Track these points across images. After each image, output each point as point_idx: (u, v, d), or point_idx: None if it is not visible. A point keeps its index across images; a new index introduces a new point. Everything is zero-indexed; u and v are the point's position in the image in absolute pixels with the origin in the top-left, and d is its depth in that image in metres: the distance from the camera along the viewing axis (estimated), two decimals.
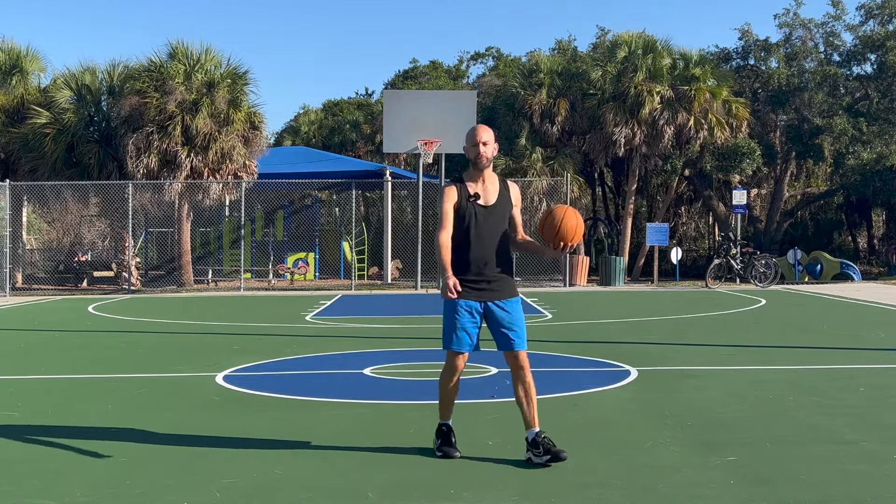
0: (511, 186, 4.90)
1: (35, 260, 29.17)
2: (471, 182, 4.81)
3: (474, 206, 4.74)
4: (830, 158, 29.01)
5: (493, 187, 4.83)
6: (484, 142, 4.76)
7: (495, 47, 41.54)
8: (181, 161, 20.61)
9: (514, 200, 4.89)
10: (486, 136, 4.78)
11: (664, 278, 23.88)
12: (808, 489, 4.22)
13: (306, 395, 6.82)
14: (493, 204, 4.79)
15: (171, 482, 4.47)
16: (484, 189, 4.80)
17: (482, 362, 8.33)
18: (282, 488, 4.35)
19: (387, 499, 4.16)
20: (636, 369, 7.89)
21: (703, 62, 25.69)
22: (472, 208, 4.74)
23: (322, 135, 37.22)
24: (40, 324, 13.60)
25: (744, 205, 23.73)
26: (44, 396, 7.08)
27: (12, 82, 23.23)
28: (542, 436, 4.69)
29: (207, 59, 21.70)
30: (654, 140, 24.54)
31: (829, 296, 17.37)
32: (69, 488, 4.39)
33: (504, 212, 4.84)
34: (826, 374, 7.68)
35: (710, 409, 6.14)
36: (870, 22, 29.44)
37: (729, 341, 10.13)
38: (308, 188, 26.90)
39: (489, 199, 4.79)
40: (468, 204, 4.74)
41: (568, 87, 25.41)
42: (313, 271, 25.95)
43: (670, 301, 16.83)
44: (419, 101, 21.65)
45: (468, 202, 4.75)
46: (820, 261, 24.50)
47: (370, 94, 42.80)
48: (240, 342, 10.67)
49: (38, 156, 21.25)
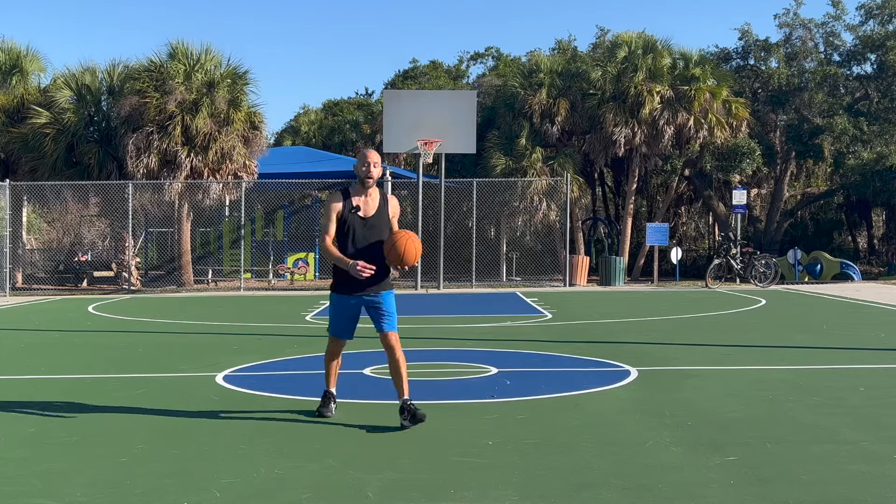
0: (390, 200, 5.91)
1: (35, 260, 29.15)
2: (355, 196, 5.77)
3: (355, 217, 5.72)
4: (830, 158, 29.01)
5: (373, 201, 5.79)
6: (375, 163, 5.78)
7: (495, 47, 41.54)
8: (181, 161, 20.61)
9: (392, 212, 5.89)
10: (375, 158, 5.84)
11: (664, 278, 23.88)
12: (808, 489, 4.22)
13: (306, 395, 6.82)
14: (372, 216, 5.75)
15: (171, 482, 4.47)
16: (365, 202, 5.75)
17: (482, 362, 8.33)
18: (282, 488, 4.35)
19: (387, 499, 4.16)
20: (636, 369, 7.89)
21: (703, 62, 25.70)
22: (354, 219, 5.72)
23: (322, 135, 37.21)
24: (40, 324, 13.60)
25: (744, 205, 23.73)
26: (44, 396, 7.08)
27: (12, 82, 23.24)
28: (407, 403, 5.60)
29: (207, 59, 21.70)
30: (654, 140, 24.55)
31: (829, 296, 17.37)
32: (69, 488, 4.39)
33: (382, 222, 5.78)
34: (826, 374, 7.68)
35: (710, 409, 6.14)
36: (870, 22, 29.45)
37: (729, 341, 10.13)
38: (308, 188, 26.89)
39: (368, 211, 5.74)
40: (350, 215, 5.72)
41: (568, 87, 25.41)
42: (313, 271, 25.95)
43: (670, 301, 16.83)
44: (419, 100, 21.64)
45: (350, 213, 5.72)
46: (820, 261, 24.51)
47: (370, 94, 42.82)
48: (240, 342, 10.67)
49: (38, 156, 21.25)
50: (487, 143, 24.89)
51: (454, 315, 14.13)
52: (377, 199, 5.80)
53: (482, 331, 11.53)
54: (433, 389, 7.13)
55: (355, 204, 5.72)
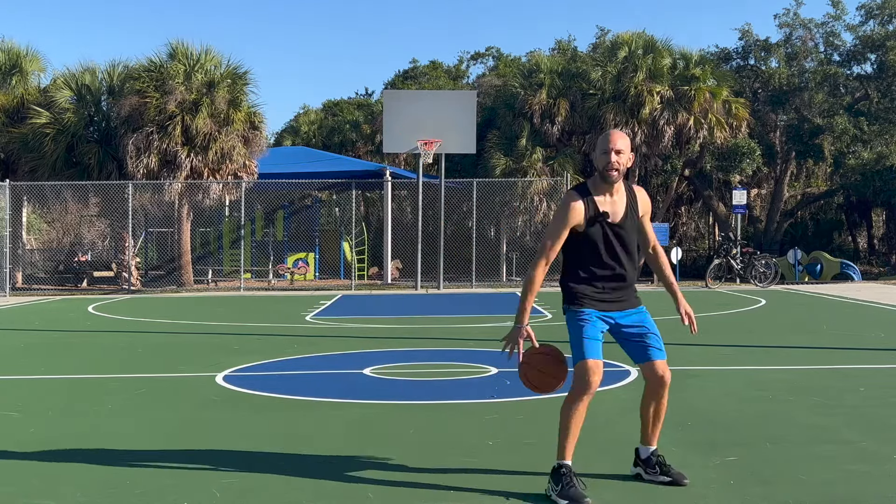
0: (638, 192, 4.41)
1: (35, 260, 29.15)
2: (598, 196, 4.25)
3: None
4: (830, 158, 29.02)
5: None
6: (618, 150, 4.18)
7: (495, 47, 41.55)
8: (181, 161, 20.61)
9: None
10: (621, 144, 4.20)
11: None
12: (808, 489, 4.22)
13: (306, 395, 6.82)
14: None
15: (171, 482, 4.47)
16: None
17: (482, 362, 8.33)
18: (282, 488, 4.35)
19: (387, 499, 4.16)
20: (636, 369, 7.88)
21: (704, 62, 25.71)
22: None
23: (322, 135, 37.20)
24: (40, 324, 13.59)
25: (744, 205, 23.73)
26: (44, 396, 7.08)
27: (12, 82, 23.23)
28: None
29: (207, 59, 21.69)
30: (654, 140, 24.55)
31: (829, 296, 17.37)
32: (69, 488, 4.38)
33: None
34: (826, 374, 7.67)
35: (710, 409, 6.14)
36: (870, 22, 29.47)
37: (729, 341, 10.12)
38: (308, 188, 26.89)
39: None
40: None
41: (568, 88, 25.41)
42: (313, 271, 25.95)
43: (670, 301, 16.77)
44: (419, 101, 21.64)
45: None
46: (820, 261, 24.50)
47: (370, 94, 42.82)
48: (240, 342, 10.66)
49: (38, 156, 21.24)
50: (487, 144, 24.89)
51: (454, 315, 14.12)
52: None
53: (482, 331, 11.53)
54: (433, 389, 7.13)
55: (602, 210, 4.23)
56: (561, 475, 4.10)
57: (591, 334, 4.18)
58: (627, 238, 4.28)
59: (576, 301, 4.25)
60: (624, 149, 4.18)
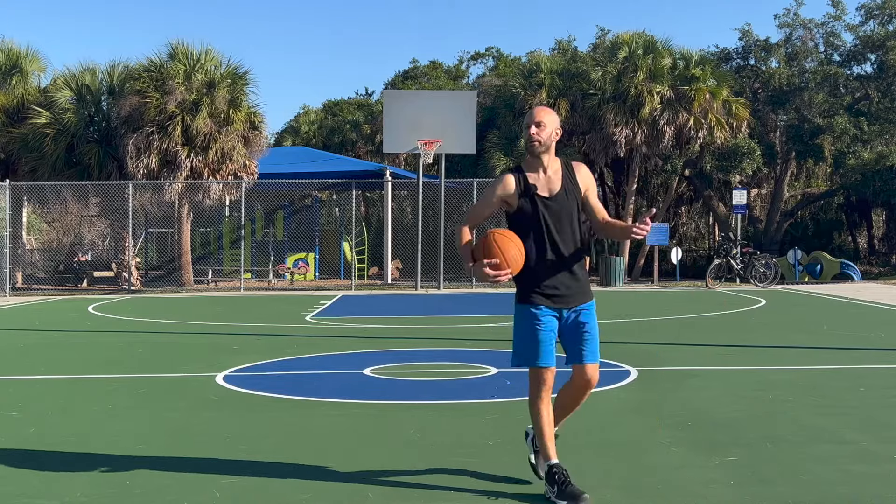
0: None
1: (35, 260, 29.15)
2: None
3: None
4: (830, 158, 29.02)
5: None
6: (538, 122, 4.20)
7: (495, 47, 41.59)
8: (181, 161, 20.61)
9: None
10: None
11: (664, 278, 23.88)
12: (808, 489, 4.22)
13: (306, 395, 6.82)
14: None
15: (171, 482, 4.47)
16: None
17: (482, 362, 8.33)
18: (282, 488, 4.35)
19: (387, 499, 4.16)
20: (636, 369, 7.89)
21: (704, 62, 25.70)
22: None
23: (322, 135, 37.21)
24: (40, 324, 13.59)
25: (744, 205, 23.73)
26: (44, 396, 7.08)
27: (12, 82, 23.22)
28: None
29: (207, 59, 21.69)
30: (654, 140, 24.54)
31: (829, 296, 17.37)
32: (69, 488, 4.38)
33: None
34: (826, 374, 7.67)
35: (710, 409, 6.14)
36: (870, 22, 29.47)
37: (729, 341, 10.12)
38: (308, 188, 26.89)
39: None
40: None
41: (568, 88, 25.41)
42: (313, 271, 25.95)
43: (670, 301, 16.82)
44: (419, 101, 21.64)
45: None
46: (820, 261, 24.50)
47: (370, 94, 42.82)
48: (240, 342, 10.66)
49: (38, 156, 21.25)
50: (487, 144, 24.88)
51: (454, 315, 14.12)
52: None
53: (482, 331, 11.53)
54: (433, 389, 7.13)
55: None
56: (554, 476, 4.10)
57: (544, 338, 4.13)
58: (563, 213, 4.18)
59: (528, 297, 4.18)
60: (546, 122, 4.17)
